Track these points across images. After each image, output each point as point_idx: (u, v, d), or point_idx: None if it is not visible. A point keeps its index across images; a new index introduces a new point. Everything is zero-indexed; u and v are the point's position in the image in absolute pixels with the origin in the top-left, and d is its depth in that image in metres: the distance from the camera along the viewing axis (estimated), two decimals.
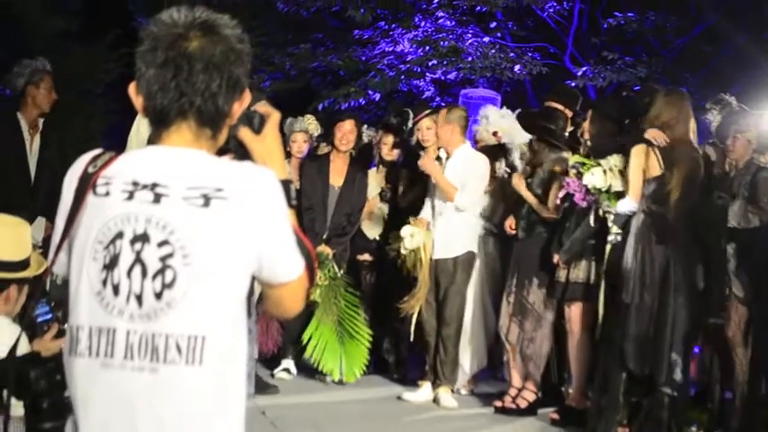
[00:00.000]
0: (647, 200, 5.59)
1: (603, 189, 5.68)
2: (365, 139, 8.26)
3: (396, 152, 7.75)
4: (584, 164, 5.78)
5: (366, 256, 7.60)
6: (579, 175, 5.76)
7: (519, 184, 6.58)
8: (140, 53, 1.90)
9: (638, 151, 5.60)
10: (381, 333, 7.56)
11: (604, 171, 5.68)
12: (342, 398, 6.79)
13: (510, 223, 6.67)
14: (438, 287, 6.82)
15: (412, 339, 7.08)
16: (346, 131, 7.45)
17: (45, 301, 3.21)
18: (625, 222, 5.67)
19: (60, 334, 3.24)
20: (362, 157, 7.97)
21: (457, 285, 6.77)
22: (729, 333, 6.03)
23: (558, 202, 6.23)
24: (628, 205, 5.62)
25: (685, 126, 5.65)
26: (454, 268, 6.76)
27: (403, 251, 6.72)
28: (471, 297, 7.01)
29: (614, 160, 5.73)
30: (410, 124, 7.57)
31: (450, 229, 6.76)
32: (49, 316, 3.19)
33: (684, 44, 13.78)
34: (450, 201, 6.75)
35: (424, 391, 6.80)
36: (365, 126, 8.55)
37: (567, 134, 6.72)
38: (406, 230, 6.71)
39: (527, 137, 6.88)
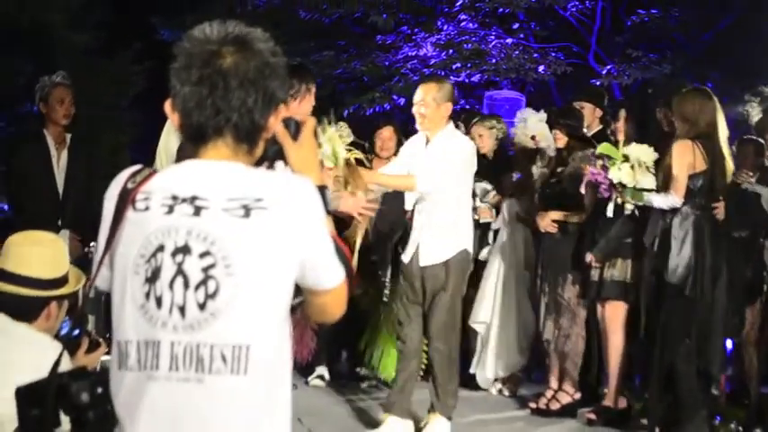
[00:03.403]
0: (697, 195, 5.55)
1: (630, 185, 5.61)
2: None
3: None
4: (611, 157, 5.70)
5: None
6: (605, 168, 5.69)
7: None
8: (174, 70, 1.91)
9: (683, 147, 5.56)
10: None
11: (632, 166, 5.60)
12: (378, 403, 6.77)
13: (548, 223, 6.48)
14: (425, 296, 5.68)
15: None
16: (385, 138, 7.46)
17: (68, 317, 3.24)
18: (660, 218, 5.60)
19: (92, 347, 3.27)
20: None
21: (449, 293, 5.60)
22: None
23: (582, 190, 6.11)
24: (670, 201, 5.54)
25: (709, 122, 5.61)
26: (446, 273, 5.60)
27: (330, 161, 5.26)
28: (501, 295, 7.00)
29: (644, 155, 5.66)
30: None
31: (434, 233, 5.64)
32: (77, 331, 3.22)
33: (710, 39, 13.67)
34: (411, 190, 5.75)
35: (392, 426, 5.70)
36: None
37: (587, 132, 6.71)
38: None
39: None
